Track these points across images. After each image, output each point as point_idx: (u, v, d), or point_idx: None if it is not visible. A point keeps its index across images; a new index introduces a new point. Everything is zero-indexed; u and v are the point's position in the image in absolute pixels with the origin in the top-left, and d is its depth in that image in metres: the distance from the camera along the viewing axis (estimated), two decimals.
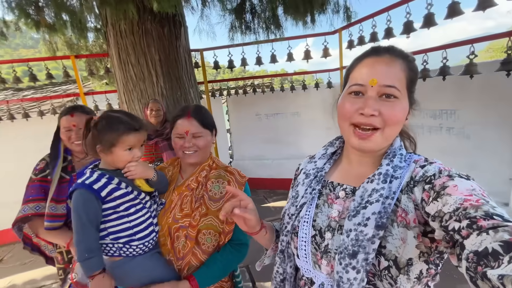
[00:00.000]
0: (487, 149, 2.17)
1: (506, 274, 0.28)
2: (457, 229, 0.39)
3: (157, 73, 2.52)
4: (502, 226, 0.35)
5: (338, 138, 0.72)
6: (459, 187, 0.45)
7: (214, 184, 0.98)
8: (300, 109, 4.00)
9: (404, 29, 2.37)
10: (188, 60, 2.83)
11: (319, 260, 0.61)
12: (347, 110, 0.57)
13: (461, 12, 1.94)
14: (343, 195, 0.62)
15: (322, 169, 0.68)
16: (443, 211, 0.43)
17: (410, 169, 0.56)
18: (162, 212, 0.98)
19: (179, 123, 0.96)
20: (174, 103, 2.63)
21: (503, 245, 0.32)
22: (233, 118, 4.40)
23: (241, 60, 3.65)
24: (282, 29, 2.59)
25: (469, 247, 0.36)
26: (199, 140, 0.95)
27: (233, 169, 1.04)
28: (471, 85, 2.17)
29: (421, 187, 0.51)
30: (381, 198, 0.52)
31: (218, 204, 0.96)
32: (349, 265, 0.52)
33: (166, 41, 2.54)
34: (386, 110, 0.54)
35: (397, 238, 0.52)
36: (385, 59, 0.56)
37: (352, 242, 0.52)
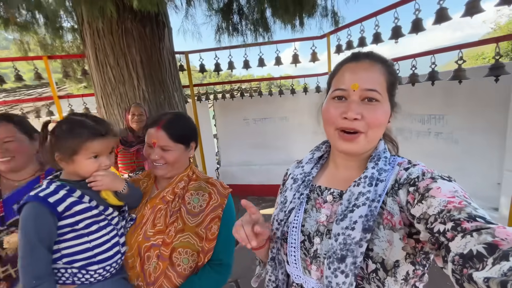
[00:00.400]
0: (475, 154, 2.18)
1: (491, 276, 0.28)
2: (442, 231, 0.40)
3: (138, 76, 2.36)
4: (485, 228, 0.36)
5: (324, 142, 0.74)
6: (442, 189, 0.46)
7: (193, 197, 0.88)
8: (289, 113, 3.94)
9: (392, 34, 2.37)
10: (172, 62, 2.70)
11: (308, 266, 0.61)
12: (331, 114, 0.58)
13: (448, 17, 1.95)
14: (331, 199, 0.62)
15: (309, 173, 0.69)
16: (428, 213, 0.44)
17: (395, 171, 0.58)
18: (132, 229, 0.87)
19: (149, 131, 0.87)
20: (157, 107, 2.48)
21: (487, 247, 0.32)
22: (220, 123, 4.27)
23: (228, 63, 3.55)
24: (270, 32, 2.52)
25: (454, 250, 0.36)
26: (168, 154, 0.86)
27: (215, 181, 0.95)
28: (459, 90, 2.18)
29: (405, 190, 0.53)
30: (368, 201, 0.53)
31: (197, 219, 0.86)
32: (337, 270, 0.52)
33: (148, 41, 2.39)
34: (369, 114, 0.55)
35: (383, 240, 0.53)
36: (365, 64, 0.58)
37: (340, 246, 0.52)
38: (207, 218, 0.86)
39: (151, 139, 0.85)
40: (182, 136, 0.88)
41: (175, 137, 0.86)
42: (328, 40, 3.22)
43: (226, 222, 0.88)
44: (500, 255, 0.31)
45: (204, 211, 0.86)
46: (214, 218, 0.86)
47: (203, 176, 0.96)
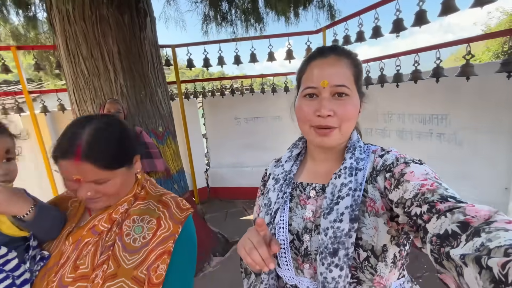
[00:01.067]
0: (481, 156, 2.04)
1: (466, 253, 0.30)
2: (419, 214, 0.42)
3: (115, 69, 2.12)
4: (456, 207, 0.38)
5: (300, 138, 0.74)
6: (415, 173, 0.49)
7: (135, 225, 0.64)
8: (282, 112, 3.75)
9: (393, 27, 2.21)
10: (155, 55, 2.46)
11: (301, 265, 0.61)
12: (304, 112, 0.60)
13: (456, 9, 1.79)
14: (314, 194, 0.63)
15: (290, 171, 0.69)
16: (404, 198, 0.46)
17: (371, 159, 0.60)
18: (41, 273, 0.61)
19: (63, 165, 0.56)
20: (137, 104, 2.24)
21: (460, 226, 0.35)
22: (210, 122, 4.04)
23: (218, 58, 3.33)
24: (263, 23, 2.31)
25: (431, 231, 0.38)
26: (105, 186, 0.59)
27: (171, 198, 0.70)
28: (464, 88, 2.03)
29: (383, 176, 0.55)
30: (351, 191, 0.54)
31: (136, 257, 0.60)
32: (331, 264, 0.52)
33: (127, 31, 2.15)
34: (340, 109, 0.57)
35: (370, 227, 0.54)
36: (331, 59, 0.59)
37: (331, 240, 0.52)
38: (151, 255, 0.60)
39: (71, 175, 0.56)
40: (118, 157, 0.60)
41: (108, 163, 0.58)
42: (324, 35, 3.04)
43: (179, 259, 0.63)
44: (472, 232, 0.33)
45: (148, 244, 0.61)
46: (162, 254, 0.61)
47: (155, 191, 0.72)
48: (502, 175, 1.93)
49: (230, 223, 3.20)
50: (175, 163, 2.57)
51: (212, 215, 3.49)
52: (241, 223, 3.19)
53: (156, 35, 2.53)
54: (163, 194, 0.72)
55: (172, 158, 2.53)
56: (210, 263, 2.48)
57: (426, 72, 2.12)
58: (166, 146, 2.47)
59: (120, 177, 0.62)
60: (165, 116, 2.51)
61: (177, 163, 2.60)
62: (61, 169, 0.57)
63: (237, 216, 3.42)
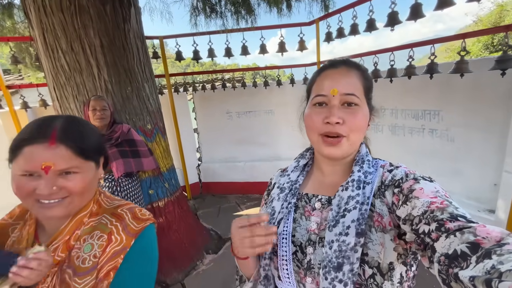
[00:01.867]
0: (472, 153, 2.05)
1: (476, 275, 0.29)
2: (427, 232, 0.41)
3: (98, 63, 2.00)
4: (466, 227, 0.37)
5: (308, 149, 0.73)
6: (425, 190, 0.48)
7: (85, 244, 0.58)
8: (275, 107, 3.69)
9: (388, 21, 2.15)
10: (141, 48, 2.33)
11: (303, 278, 0.59)
12: (313, 120, 0.59)
13: (453, 2, 1.74)
14: (319, 206, 0.62)
15: (296, 181, 0.68)
16: (412, 215, 0.45)
17: (379, 174, 0.59)
18: None
19: (31, 152, 0.51)
20: (123, 100, 2.13)
21: (470, 246, 0.33)
22: (201, 116, 3.95)
23: (208, 51, 3.22)
24: (254, 15, 2.21)
25: (439, 250, 0.37)
26: (73, 180, 0.54)
27: (127, 210, 0.64)
28: (457, 84, 2.01)
29: (391, 191, 0.54)
30: (358, 204, 0.53)
31: (88, 279, 0.54)
32: (335, 279, 0.50)
33: (109, 22, 2.02)
34: (349, 118, 0.56)
35: (377, 243, 0.52)
36: (342, 70, 0.60)
37: (335, 253, 0.51)
38: (101, 272, 0.55)
39: (38, 164, 0.50)
40: (91, 145, 0.58)
41: (83, 149, 0.55)
42: (317, 27, 2.96)
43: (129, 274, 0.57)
44: (483, 253, 0.32)
45: (99, 262, 0.55)
46: (110, 271, 0.55)
47: (110, 203, 0.65)
48: (492, 171, 1.95)
49: (223, 219, 3.18)
50: (165, 161, 2.50)
51: (205, 211, 3.46)
52: (234, 218, 3.17)
53: (141, 26, 2.40)
54: (119, 206, 0.64)
55: (162, 155, 2.46)
56: (203, 261, 2.46)
57: (420, 68, 2.09)
58: (156, 144, 2.39)
59: (88, 172, 0.58)
60: (153, 112, 2.41)
61: (167, 161, 2.53)
62: (25, 158, 0.50)
63: (230, 211, 3.40)
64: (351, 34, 2.56)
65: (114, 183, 1.76)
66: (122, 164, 1.77)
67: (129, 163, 1.81)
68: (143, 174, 2.20)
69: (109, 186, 1.74)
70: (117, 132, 1.82)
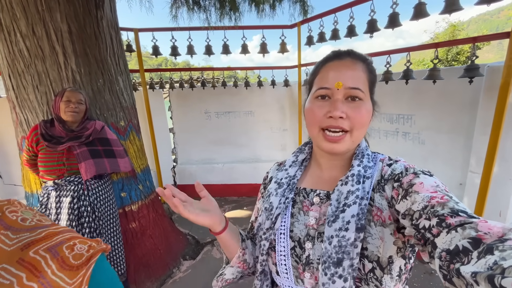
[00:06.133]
0: (440, 154, 2.21)
1: (478, 271, 0.29)
2: (427, 227, 0.41)
3: (65, 51, 1.79)
4: (468, 223, 0.36)
5: (306, 144, 0.72)
6: (425, 184, 0.47)
7: None
8: (255, 108, 3.66)
9: (367, 27, 2.25)
10: (116, 38, 2.15)
11: (301, 274, 0.58)
12: (316, 114, 0.57)
13: (426, 14, 1.87)
14: (318, 201, 0.61)
15: (294, 176, 0.66)
16: (412, 209, 0.44)
17: (378, 168, 0.58)
18: None
19: None
20: (93, 93, 1.94)
21: (471, 242, 0.33)
22: (177, 116, 3.78)
23: (187, 47, 3.09)
24: (239, 12, 2.16)
25: (440, 246, 0.37)
26: None
27: (45, 254, 0.39)
28: (429, 90, 2.16)
29: (390, 185, 0.53)
30: (357, 199, 0.52)
31: None
32: (335, 274, 0.50)
33: (80, 7, 1.83)
34: (353, 113, 0.55)
35: (376, 237, 0.52)
36: (347, 62, 0.57)
37: (335, 249, 0.50)
38: None
39: None
40: None
41: None
42: (299, 30, 3.00)
43: None
44: (484, 249, 0.31)
45: None
46: None
47: (15, 237, 0.40)
48: (458, 172, 2.11)
49: None
50: (140, 161, 2.32)
51: (180, 215, 3.28)
52: None
53: (116, 15, 2.22)
54: (32, 243, 0.39)
55: (136, 155, 2.28)
56: (179, 267, 2.32)
57: (396, 74, 2.20)
58: (129, 142, 2.21)
59: None
60: (127, 108, 2.23)
61: (141, 161, 2.35)
62: None
63: None
64: (332, 39, 2.63)
65: (80, 186, 1.57)
66: (93, 165, 1.59)
67: (102, 164, 1.63)
68: (115, 175, 2.01)
69: (75, 190, 1.54)
70: (89, 129, 1.64)
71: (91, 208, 1.56)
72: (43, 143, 1.54)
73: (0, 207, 0.41)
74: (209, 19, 2.11)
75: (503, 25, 37.39)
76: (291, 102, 3.52)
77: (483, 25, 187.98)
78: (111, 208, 1.73)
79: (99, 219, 1.61)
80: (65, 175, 1.54)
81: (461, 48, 10.77)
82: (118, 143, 1.80)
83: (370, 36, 2.28)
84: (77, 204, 1.51)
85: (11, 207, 0.43)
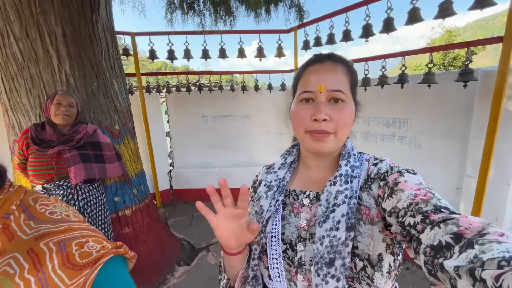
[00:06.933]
0: (437, 158, 2.20)
1: (460, 265, 0.30)
2: (412, 224, 0.42)
3: (59, 54, 1.78)
4: (450, 219, 0.38)
5: (294, 146, 0.73)
6: (409, 182, 0.49)
7: None
8: (252, 112, 3.66)
9: (362, 32, 2.26)
10: (111, 42, 2.15)
11: (294, 277, 0.57)
12: (300, 117, 0.58)
13: (421, 18, 1.88)
14: (308, 202, 0.61)
15: (283, 179, 0.67)
16: (398, 207, 0.46)
17: (365, 167, 0.60)
18: None
19: None
20: (87, 96, 1.92)
21: (453, 237, 0.35)
22: (174, 120, 3.77)
23: (184, 51, 3.10)
24: (233, 16, 2.16)
25: (425, 242, 0.38)
26: None
27: (53, 246, 0.38)
28: (424, 94, 2.16)
29: (377, 184, 0.55)
30: (346, 198, 0.53)
31: None
32: (328, 275, 0.50)
33: (75, 10, 1.83)
34: (336, 114, 0.56)
35: (366, 236, 0.53)
36: (328, 65, 0.59)
37: (327, 249, 0.51)
38: None
39: None
40: None
41: None
42: (295, 35, 3.02)
43: None
44: (465, 243, 0.33)
45: None
46: None
47: (34, 228, 0.40)
48: (454, 176, 2.10)
49: (197, 228, 3.01)
50: (134, 165, 2.30)
51: (176, 220, 3.25)
52: (208, 227, 3.01)
53: (112, 19, 2.22)
54: (45, 235, 0.38)
55: (130, 159, 2.25)
56: (173, 273, 2.28)
57: (391, 78, 2.21)
58: (124, 146, 2.19)
59: None
60: (122, 111, 2.22)
61: (136, 165, 2.33)
62: None
63: (203, 220, 3.24)
64: (328, 44, 2.64)
65: (70, 191, 1.54)
66: (83, 169, 1.56)
67: (91, 169, 1.61)
68: (108, 179, 1.99)
69: (64, 195, 1.51)
70: (81, 133, 1.62)
71: (80, 213, 1.53)
72: (33, 147, 1.52)
73: (35, 199, 0.43)
74: (203, 23, 2.11)
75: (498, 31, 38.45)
76: (288, 106, 3.52)
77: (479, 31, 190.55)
78: (103, 213, 1.70)
79: (89, 224, 1.58)
80: (54, 179, 1.52)
81: (457, 53, 10.88)
82: (110, 147, 1.77)
83: (366, 41, 2.29)
84: None
85: (45, 200, 0.44)
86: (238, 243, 0.54)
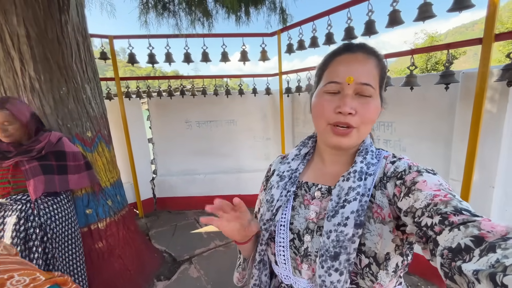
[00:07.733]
0: (421, 162, 2.17)
1: (480, 269, 0.29)
2: (429, 225, 0.40)
3: (22, 56, 1.66)
4: (471, 221, 0.36)
5: (310, 137, 0.71)
6: (428, 182, 0.47)
7: None
8: (237, 116, 3.58)
9: (345, 35, 2.23)
10: (83, 44, 2.03)
11: (299, 265, 0.60)
12: (324, 108, 0.56)
13: (401, 21, 1.86)
14: (319, 195, 0.61)
15: (296, 170, 0.67)
16: (415, 207, 0.44)
17: (381, 165, 0.58)
18: None
19: None
20: (54, 102, 1.79)
21: (474, 240, 0.33)
22: (157, 126, 3.64)
23: (166, 55, 3.00)
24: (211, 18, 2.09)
25: (442, 243, 0.36)
26: None
27: None
28: (408, 97, 2.14)
29: (393, 183, 0.53)
30: (358, 196, 0.53)
31: None
32: (331, 268, 0.51)
33: (40, 11, 1.71)
34: (362, 109, 0.54)
35: (374, 234, 0.52)
36: (359, 56, 0.56)
37: (333, 243, 0.51)
38: None
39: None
40: None
41: None
42: (279, 38, 2.98)
43: None
44: (487, 247, 0.31)
45: None
46: None
47: None
48: None
49: (179, 238, 2.86)
50: (110, 174, 2.16)
51: (158, 231, 3.09)
52: (192, 237, 2.88)
53: (85, 20, 2.11)
54: None
55: (105, 168, 2.12)
56: None
57: None
58: (97, 154, 2.06)
59: None
60: (95, 118, 2.09)
61: (112, 174, 2.19)
62: None
63: (187, 229, 3.10)
64: (311, 47, 2.61)
65: (29, 206, 1.39)
66: (43, 182, 1.42)
67: (53, 181, 1.47)
68: (79, 190, 1.85)
69: (23, 210, 1.37)
70: (42, 141, 1.48)
71: (41, 229, 1.39)
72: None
73: None
74: (179, 24, 2.03)
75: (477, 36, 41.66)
76: (274, 110, 3.46)
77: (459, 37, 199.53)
78: (70, 227, 1.56)
79: (53, 241, 1.44)
80: (11, 193, 1.38)
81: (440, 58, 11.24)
82: (77, 156, 1.65)
83: None
84: (24, 226, 1.34)
85: None
86: (242, 237, 0.62)
